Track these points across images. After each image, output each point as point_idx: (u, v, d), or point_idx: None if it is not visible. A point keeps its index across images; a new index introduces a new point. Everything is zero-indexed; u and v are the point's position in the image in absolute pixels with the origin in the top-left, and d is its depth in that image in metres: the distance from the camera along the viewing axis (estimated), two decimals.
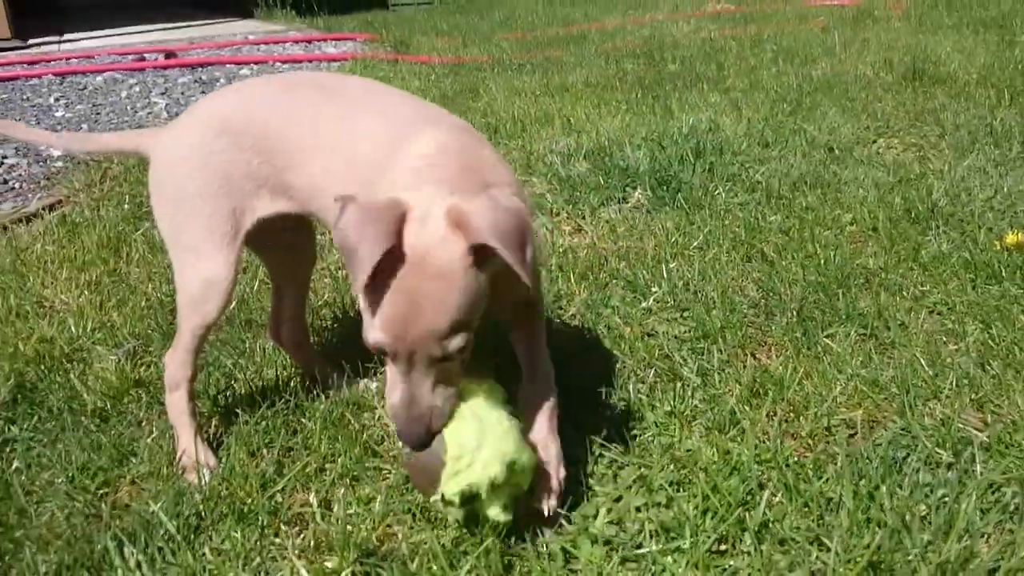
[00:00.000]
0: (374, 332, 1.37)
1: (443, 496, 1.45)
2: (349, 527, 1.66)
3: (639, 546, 1.56)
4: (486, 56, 7.08)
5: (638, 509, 1.65)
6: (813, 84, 5.01)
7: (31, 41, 9.13)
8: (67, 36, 9.68)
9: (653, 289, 2.55)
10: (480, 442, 1.44)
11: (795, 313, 2.36)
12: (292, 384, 2.23)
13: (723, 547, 1.57)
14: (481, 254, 1.36)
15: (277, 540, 1.69)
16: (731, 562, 1.54)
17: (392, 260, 1.33)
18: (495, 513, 1.48)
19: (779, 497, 1.67)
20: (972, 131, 3.83)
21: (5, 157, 4.55)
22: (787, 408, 1.97)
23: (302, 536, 1.69)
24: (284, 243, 2.09)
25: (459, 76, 6.16)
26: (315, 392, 2.16)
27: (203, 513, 1.76)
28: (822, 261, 2.64)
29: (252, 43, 8.82)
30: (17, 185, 4.19)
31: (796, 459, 1.77)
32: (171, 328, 2.57)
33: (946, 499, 1.61)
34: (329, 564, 1.60)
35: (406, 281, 1.34)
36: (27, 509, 1.83)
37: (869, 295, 2.45)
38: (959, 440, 1.79)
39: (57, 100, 6.01)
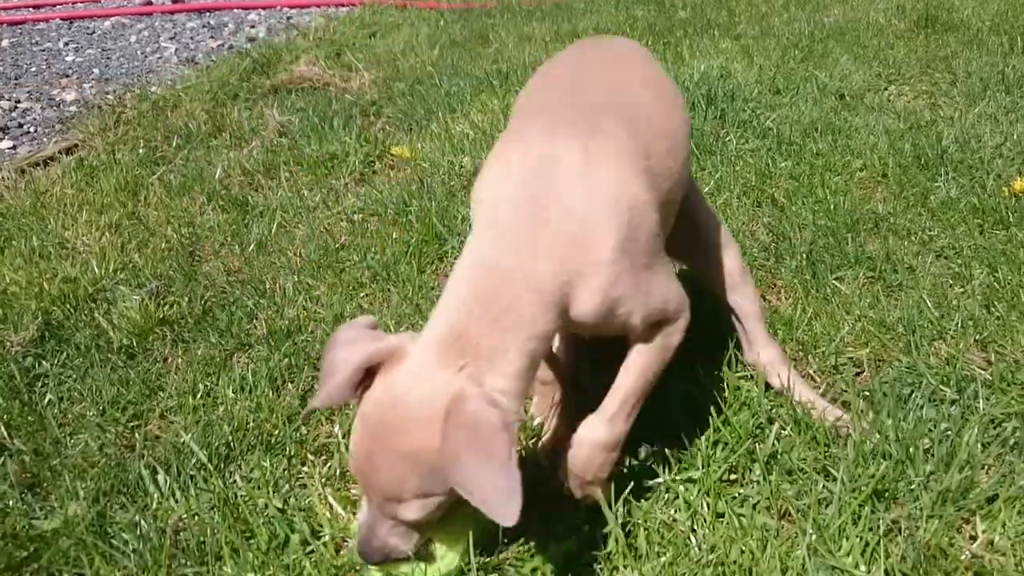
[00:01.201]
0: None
1: None
2: None
3: (654, 476, 1.63)
4: (494, 2, 7.03)
5: (651, 443, 1.71)
6: (825, 31, 4.99)
7: None
8: None
9: None
10: None
11: (805, 256, 2.40)
12: (313, 324, 2.29)
13: (733, 476, 1.64)
14: None
15: (304, 469, 1.77)
16: (741, 490, 1.60)
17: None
18: None
19: (787, 431, 1.73)
20: (984, 78, 3.83)
21: (19, 102, 4.57)
22: (796, 347, 2.02)
23: (328, 465, 1.76)
24: None
25: (468, 22, 6.12)
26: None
27: (232, 444, 1.83)
28: (832, 206, 2.67)
29: None
30: (32, 129, 4.22)
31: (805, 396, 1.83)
32: (192, 269, 2.63)
33: (949, 433, 1.67)
34: (354, 491, 1.67)
35: (372, 425, 1.27)
36: (61, 440, 1.91)
37: (878, 239, 2.49)
38: (963, 378, 1.84)
39: (66, 45, 6.01)
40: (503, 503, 1.12)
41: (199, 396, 2.02)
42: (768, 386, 1.82)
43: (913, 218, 2.59)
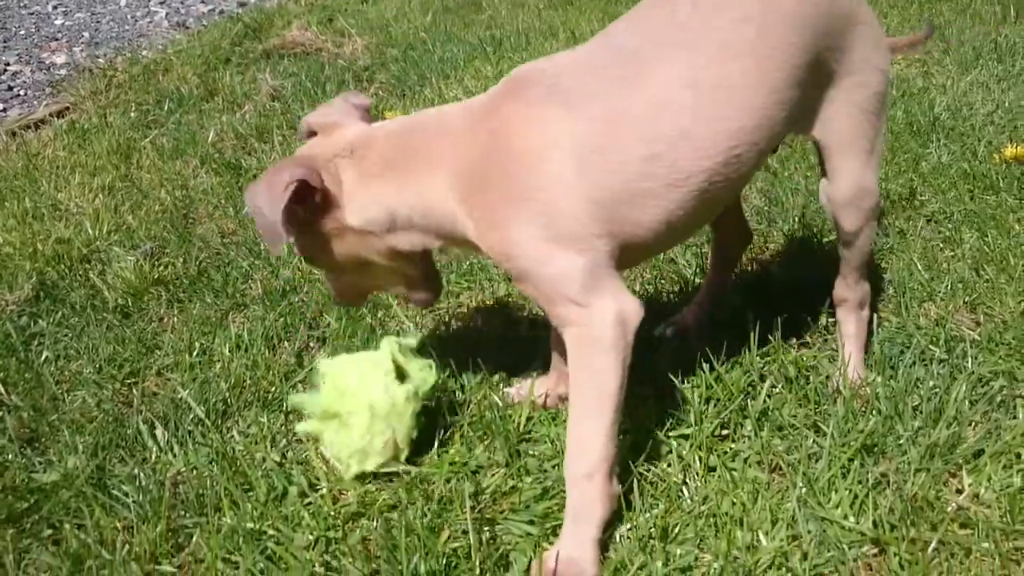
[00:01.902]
0: None
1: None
2: None
3: (648, 431, 1.65)
4: None
5: (645, 399, 1.73)
6: None
7: None
8: None
9: None
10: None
11: (796, 220, 2.42)
12: (308, 284, 2.30)
13: (725, 432, 1.67)
14: None
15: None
16: (733, 445, 1.63)
17: None
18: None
19: (779, 388, 1.76)
20: (976, 47, 3.83)
21: (8, 64, 4.54)
22: (786, 309, 2.04)
23: None
24: None
25: None
26: None
27: (229, 400, 1.85)
28: None
29: None
30: (22, 92, 4.20)
31: (796, 354, 1.86)
32: (187, 231, 2.63)
33: (937, 390, 1.70)
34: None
35: None
36: (59, 396, 1.92)
37: None
38: (952, 338, 1.87)
39: (55, 8, 5.95)
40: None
41: (195, 354, 2.03)
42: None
43: (905, 183, 2.61)
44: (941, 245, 2.28)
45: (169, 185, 3.01)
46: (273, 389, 1.88)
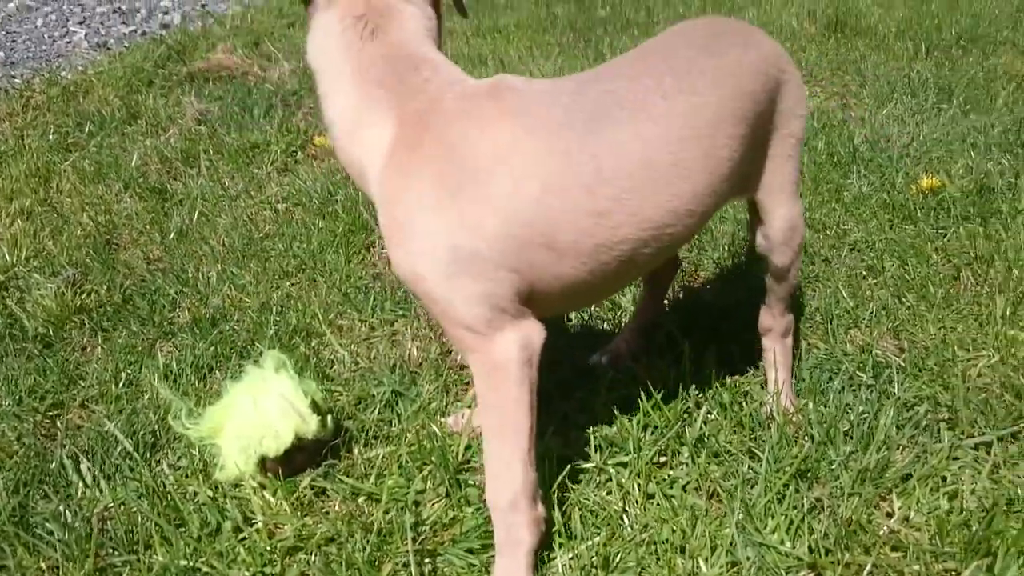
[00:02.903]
0: None
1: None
2: None
3: (588, 459, 1.66)
4: None
5: (583, 427, 1.74)
6: None
7: None
8: None
9: None
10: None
11: (725, 248, 2.47)
12: (239, 312, 2.26)
13: (663, 459, 1.68)
14: None
15: None
16: (671, 472, 1.65)
17: None
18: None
19: (714, 414, 1.78)
20: (891, 81, 3.99)
21: None
22: (718, 336, 2.08)
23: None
24: None
25: None
26: (265, 317, 2.20)
27: (159, 432, 1.80)
28: None
29: None
30: None
31: (730, 380, 1.89)
32: (110, 257, 2.56)
33: (866, 415, 1.74)
34: (297, 476, 1.66)
35: None
36: None
37: None
38: (878, 364, 1.93)
39: None
40: None
41: (122, 385, 1.97)
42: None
43: (828, 213, 2.69)
44: (864, 273, 2.35)
45: (91, 210, 2.92)
46: None
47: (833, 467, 1.61)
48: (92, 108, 3.99)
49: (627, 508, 1.56)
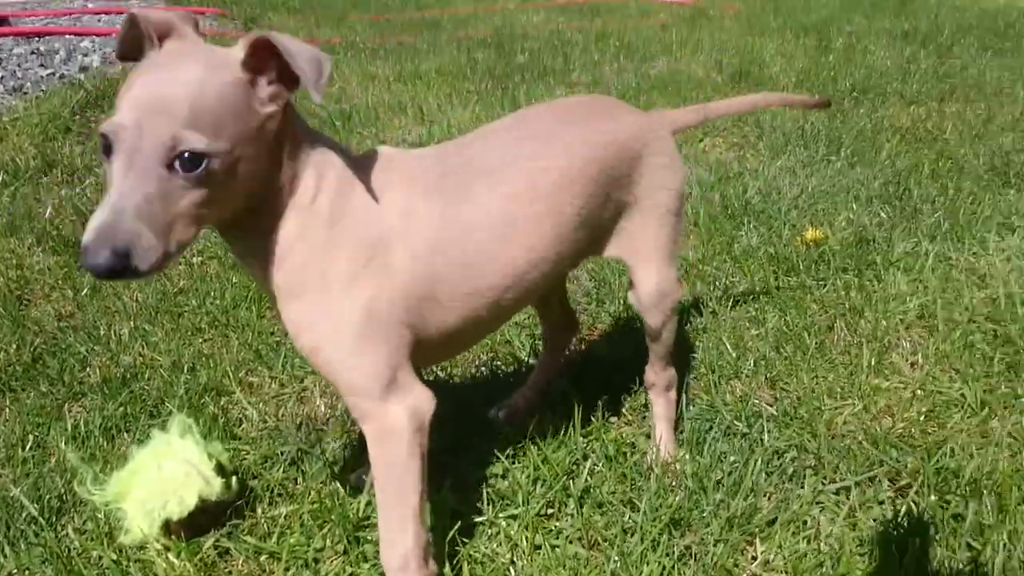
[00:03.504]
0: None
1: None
2: None
3: (479, 513, 1.76)
4: (339, 38, 7.11)
5: (478, 482, 1.85)
6: (650, 82, 5.34)
7: None
8: None
9: None
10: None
11: (622, 301, 2.61)
12: (150, 371, 2.31)
13: (551, 511, 1.80)
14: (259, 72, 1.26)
15: None
16: (557, 523, 1.76)
17: None
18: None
19: (600, 466, 1.91)
20: (786, 133, 4.22)
21: None
22: (610, 388, 2.21)
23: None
24: None
25: None
26: (176, 376, 2.26)
27: (65, 496, 1.85)
28: None
29: (92, 12, 8.49)
30: None
31: (617, 432, 2.02)
32: (20, 314, 2.59)
33: (737, 464, 1.89)
34: (201, 537, 1.73)
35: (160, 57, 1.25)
36: None
37: (688, 285, 2.74)
38: (752, 414, 2.08)
39: None
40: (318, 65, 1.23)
41: (28, 448, 2.01)
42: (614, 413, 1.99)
43: (719, 265, 2.86)
44: (748, 324, 2.51)
45: (2, 264, 2.94)
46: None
47: (704, 515, 1.75)
48: (6, 156, 3.99)
49: (515, 559, 1.67)
